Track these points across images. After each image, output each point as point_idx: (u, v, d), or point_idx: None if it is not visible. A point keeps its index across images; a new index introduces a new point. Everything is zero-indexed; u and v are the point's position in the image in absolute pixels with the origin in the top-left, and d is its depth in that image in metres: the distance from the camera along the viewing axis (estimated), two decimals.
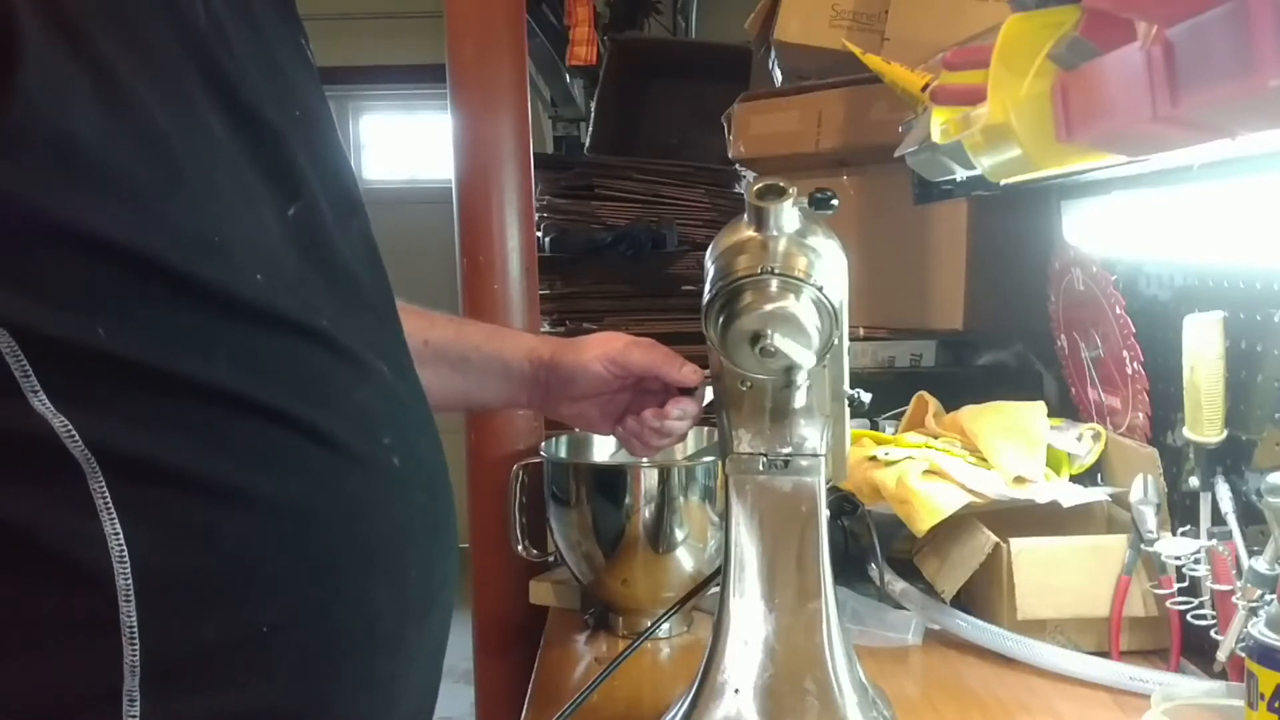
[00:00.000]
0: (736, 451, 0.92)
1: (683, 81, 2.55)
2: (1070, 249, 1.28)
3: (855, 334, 1.58)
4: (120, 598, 0.60)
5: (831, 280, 0.84)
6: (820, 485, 0.91)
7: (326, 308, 0.70)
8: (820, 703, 0.86)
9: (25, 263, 0.59)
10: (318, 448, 0.67)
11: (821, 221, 0.88)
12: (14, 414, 0.59)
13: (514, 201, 1.53)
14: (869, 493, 1.23)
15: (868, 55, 1.24)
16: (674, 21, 3.57)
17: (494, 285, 1.52)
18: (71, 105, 0.58)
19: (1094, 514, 1.20)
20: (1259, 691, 0.76)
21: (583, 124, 3.32)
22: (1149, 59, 0.54)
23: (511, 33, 1.54)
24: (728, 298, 0.84)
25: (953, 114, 0.88)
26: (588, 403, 1.03)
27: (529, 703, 1.12)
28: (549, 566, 1.42)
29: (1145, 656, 1.10)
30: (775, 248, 0.84)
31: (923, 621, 1.19)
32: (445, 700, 0.82)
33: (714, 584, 0.94)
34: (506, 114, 1.53)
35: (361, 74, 5.13)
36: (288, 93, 0.73)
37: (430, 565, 0.75)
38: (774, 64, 1.71)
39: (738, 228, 0.87)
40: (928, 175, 1.19)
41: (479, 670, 1.60)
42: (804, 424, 0.90)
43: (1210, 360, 1.01)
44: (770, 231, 0.84)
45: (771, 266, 0.83)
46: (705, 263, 0.89)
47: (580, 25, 2.62)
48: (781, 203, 0.84)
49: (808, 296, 0.83)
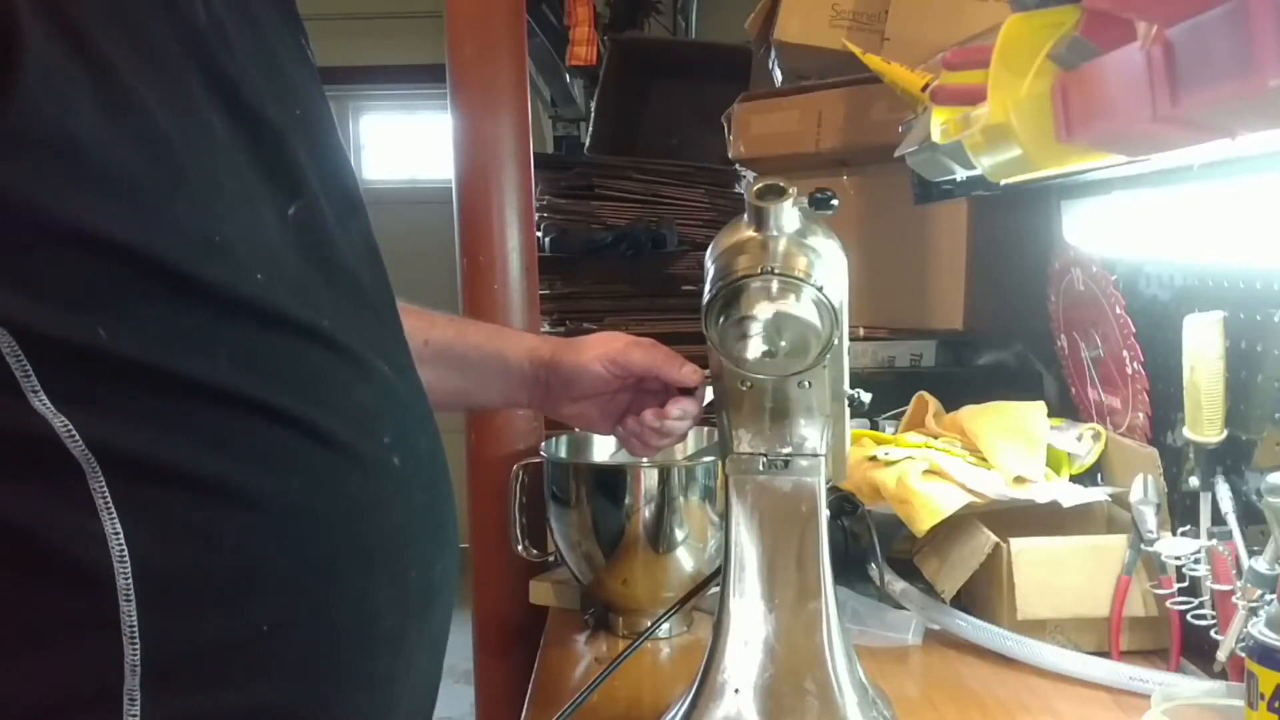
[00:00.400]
0: (736, 451, 0.92)
1: (683, 81, 2.55)
2: (1070, 249, 1.28)
3: (855, 334, 1.57)
4: (120, 597, 0.60)
5: (831, 280, 0.84)
6: (820, 485, 0.91)
7: (327, 307, 0.70)
8: (820, 703, 0.86)
9: (26, 262, 0.59)
10: (318, 447, 0.67)
11: (821, 221, 0.88)
12: (14, 414, 0.59)
13: (514, 201, 1.53)
14: (869, 493, 1.23)
15: (868, 55, 1.24)
16: (674, 21, 3.57)
17: (494, 285, 1.52)
18: (72, 105, 0.58)
19: (1094, 514, 1.20)
20: (1259, 691, 0.76)
21: (583, 124, 3.32)
22: (1149, 59, 0.54)
23: (511, 33, 1.54)
24: (728, 298, 0.84)
25: (953, 114, 0.88)
26: (588, 403, 1.03)
27: (529, 703, 1.12)
28: (549, 566, 1.42)
29: (1145, 656, 1.10)
30: (775, 248, 0.84)
31: (923, 621, 1.19)
32: (445, 700, 0.82)
33: (714, 584, 0.94)
34: (506, 114, 1.53)
35: (361, 74, 5.13)
36: (288, 92, 0.73)
37: (430, 564, 0.75)
38: (774, 64, 1.71)
39: (738, 228, 0.87)
40: (928, 175, 1.19)
41: (479, 670, 1.60)
42: (804, 424, 0.90)
43: (1210, 360, 1.01)
44: (770, 231, 0.84)
45: (771, 266, 0.83)
46: (705, 263, 0.89)
47: (580, 25, 2.62)
48: (781, 203, 0.84)
49: (808, 296, 0.83)
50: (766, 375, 0.87)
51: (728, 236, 0.88)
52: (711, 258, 0.88)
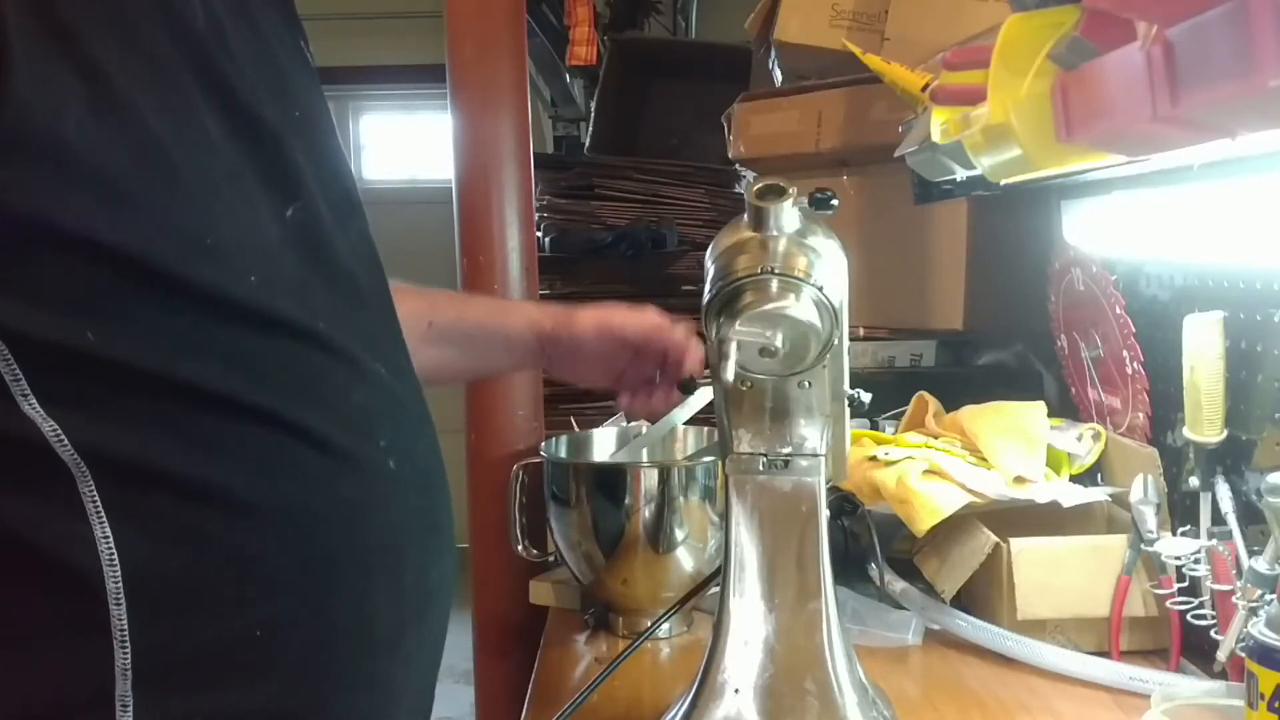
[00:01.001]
0: (736, 451, 0.92)
1: (683, 81, 2.55)
2: (1070, 249, 1.28)
3: (855, 334, 1.58)
4: (110, 601, 0.60)
5: (831, 280, 0.84)
6: (820, 485, 0.90)
7: (324, 309, 0.70)
8: (820, 703, 0.86)
9: (14, 265, 0.58)
10: (312, 450, 0.67)
11: (821, 221, 0.88)
12: (3, 417, 0.59)
13: (514, 201, 1.53)
14: (869, 493, 1.23)
15: (868, 55, 1.24)
16: (674, 21, 3.58)
17: (494, 285, 1.52)
18: (62, 108, 0.58)
19: (1094, 514, 1.20)
20: (1259, 691, 0.76)
21: (583, 124, 3.33)
22: (1149, 59, 0.54)
23: (511, 33, 1.54)
24: (728, 298, 0.84)
25: (953, 114, 0.88)
26: (587, 366, 1.10)
27: (529, 703, 1.12)
28: (549, 566, 1.42)
29: (1145, 656, 1.10)
30: (775, 248, 0.84)
31: (923, 621, 1.19)
32: (445, 700, 0.82)
33: (714, 584, 0.94)
34: (506, 114, 1.53)
35: (361, 74, 5.13)
36: (287, 93, 0.73)
37: (428, 566, 0.75)
38: (774, 64, 1.71)
39: (738, 228, 0.87)
40: (928, 175, 1.19)
41: (479, 670, 1.60)
42: (804, 424, 0.90)
43: (1210, 360, 1.01)
44: (770, 231, 0.84)
45: (771, 266, 0.83)
46: (705, 263, 0.89)
47: (580, 25, 2.62)
48: (781, 203, 0.84)
49: (808, 296, 0.83)
50: (767, 375, 0.87)
51: (728, 236, 0.88)
52: (711, 258, 0.88)
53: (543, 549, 1.39)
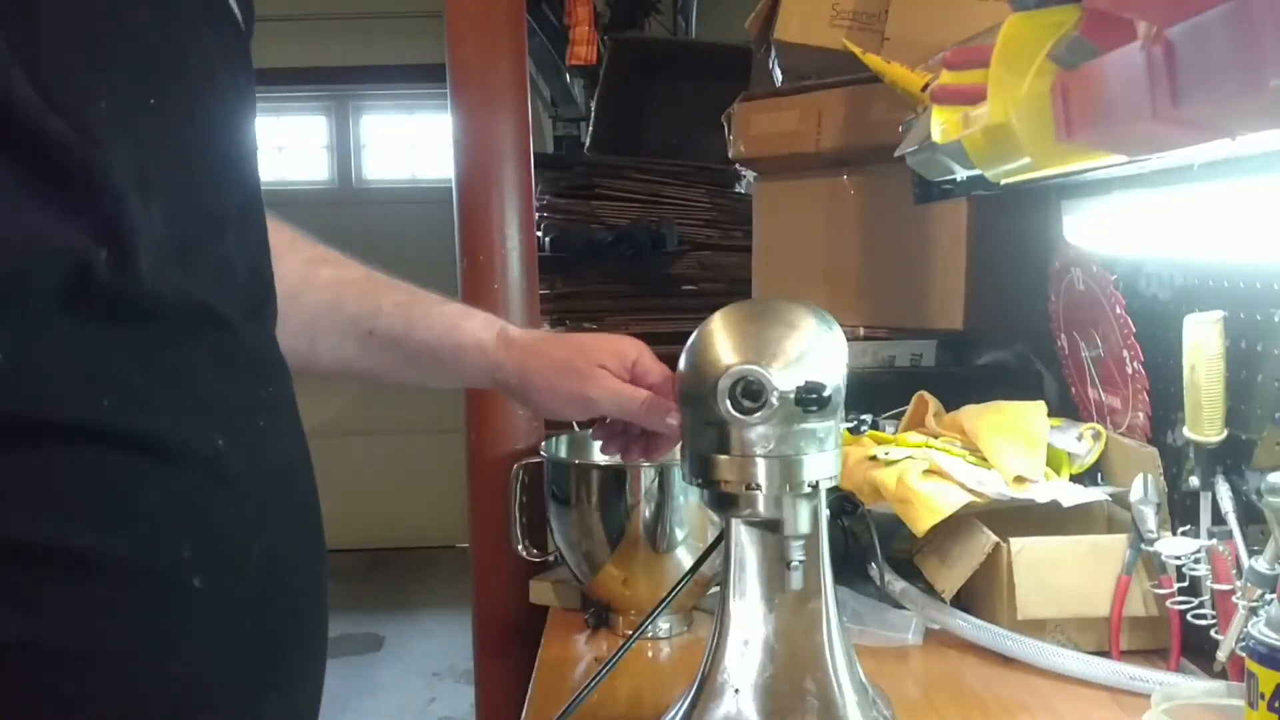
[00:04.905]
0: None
1: (683, 81, 2.56)
2: (1070, 249, 1.28)
3: (855, 334, 1.58)
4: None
5: (829, 371, 0.84)
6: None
7: (117, 376, 0.55)
8: (820, 703, 0.86)
9: None
10: (71, 574, 0.54)
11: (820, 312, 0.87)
12: None
13: (514, 201, 1.53)
14: (869, 493, 1.23)
15: (868, 55, 1.24)
16: (674, 21, 3.58)
17: (494, 285, 1.52)
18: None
19: (1094, 514, 1.20)
20: (1259, 691, 0.76)
21: (583, 124, 3.33)
22: (1149, 59, 0.54)
23: (511, 33, 1.54)
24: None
25: (953, 114, 0.88)
26: (549, 411, 1.00)
27: (529, 703, 1.12)
28: (549, 566, 1.42)
29: (1145, 656, 1.10)
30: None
31: (923, 621, 1.19)
32: (445, 700, 0.82)
33: (705, 573, 0.93)
34: (506, 114, 1.53)
35: (361, 74, 5.13)
36: (141, 80, 0.58)
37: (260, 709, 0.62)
38: (774, 64, 1.71)
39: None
40: (928, 175, 1.19)
41: (479, 670, 1.60)
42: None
43: (1210, 360, 1.01)
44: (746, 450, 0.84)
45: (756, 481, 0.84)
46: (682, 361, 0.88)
47: (580, 25, 2.62)
48: (755, 413, 0.82)
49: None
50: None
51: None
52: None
53: (543, 549, 1.39)
